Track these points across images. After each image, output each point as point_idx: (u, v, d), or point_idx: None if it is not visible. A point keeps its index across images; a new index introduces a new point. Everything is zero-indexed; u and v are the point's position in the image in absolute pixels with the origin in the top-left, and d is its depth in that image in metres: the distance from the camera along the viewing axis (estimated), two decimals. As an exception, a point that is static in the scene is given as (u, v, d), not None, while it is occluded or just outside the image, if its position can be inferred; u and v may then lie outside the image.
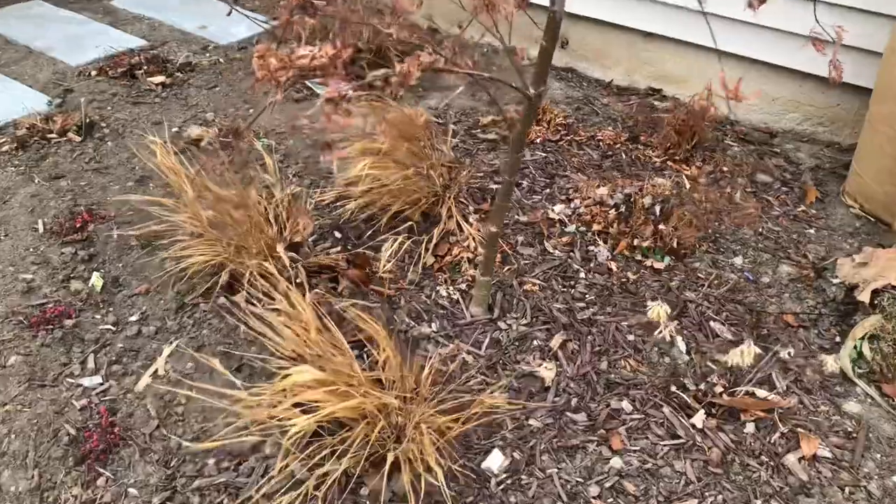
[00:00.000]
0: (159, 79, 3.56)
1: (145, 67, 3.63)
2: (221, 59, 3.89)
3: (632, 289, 2.55)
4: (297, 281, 2.39)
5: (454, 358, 2.21)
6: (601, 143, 3.37)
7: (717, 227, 2.84)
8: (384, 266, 2.52)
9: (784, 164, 3.36)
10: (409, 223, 2.73)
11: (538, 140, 3.34)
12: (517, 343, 2.31)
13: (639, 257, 2.69)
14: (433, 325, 2.37)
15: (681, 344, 2.34)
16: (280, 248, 2.31)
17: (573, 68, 4.13)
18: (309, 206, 2.76)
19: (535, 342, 2.31)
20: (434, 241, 2.64)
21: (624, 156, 3.30)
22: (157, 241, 2.57)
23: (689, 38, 3.66)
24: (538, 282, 2.54)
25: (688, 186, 3.09)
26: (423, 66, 1.67)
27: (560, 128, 3.41)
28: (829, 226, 2.97)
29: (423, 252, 2.61)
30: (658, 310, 2.18)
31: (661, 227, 2.73)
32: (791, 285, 2.63)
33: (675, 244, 2.70)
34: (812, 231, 2.94)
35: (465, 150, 3.27)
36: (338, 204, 2.81)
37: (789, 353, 2.30)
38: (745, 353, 2.07)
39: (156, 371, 2.18)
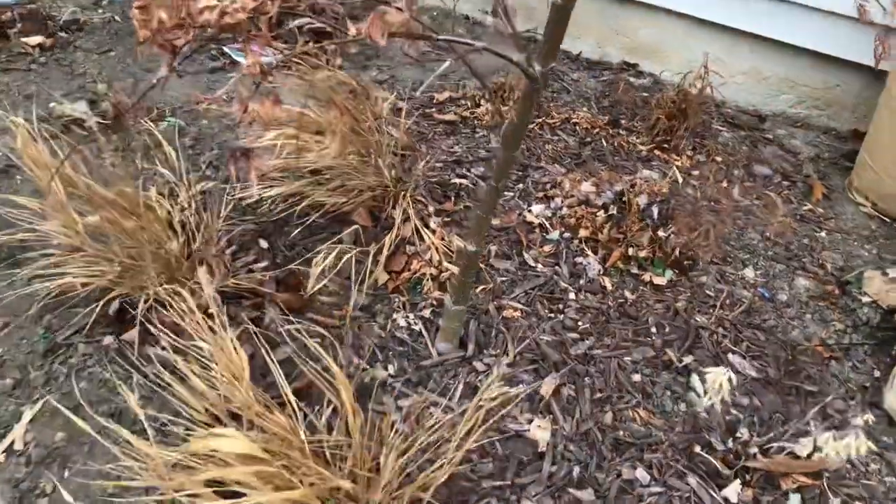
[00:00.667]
0: (37, 39, 2.87)
1: (20, 25, 2.91)
2: (118, 17, 3.20)
3: (631, 312, 2.08)
4: (212, 310, 1.82)
5: (419, 415, 1.69)
6: (578, 128, 2.88)
7: (720, 231, 2.40)
8: (316, 285, 1.97)
9: (782, 154, 2.95)
10: (355, 227, 2.18)
11: (504, 123, 2.81)
12: (498, 390, 1.80)
13: (635, 270, 2.22)
14: (391, 366, 1.84)
15: (698, 385, 1.89)
16: (202, 274, 1.72)
17: (535, 38, 3.61)
18: (226, 206, 2.17)
19: (521, 387, 1.81)
20: (386, 251, 2.10)
21: (605, 143, 2.81)
22: (23, 254, 1.95)
23: (668, 5, 3.19)
24: (520, 305, 2.04)
25: (680, 180, 2.64)
26: (391, 28, 1.13)
27: (529, 108, 2.89)
28: (841, 228, 2.57)
29: (373, 266, 2.07)
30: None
31: (659, 232, 2.27)
32: (812, 304, 2.21)
33: (677, 254, 2.25)
34: (823, 234, 2.53)
35: (419, 133, 2.73)
36: (264, 201, 2.23)
37: (824, 395, 1.88)
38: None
39: (11, 444, 1.59)
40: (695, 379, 1.90)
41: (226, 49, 3.06)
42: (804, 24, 2.94)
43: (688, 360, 1.94)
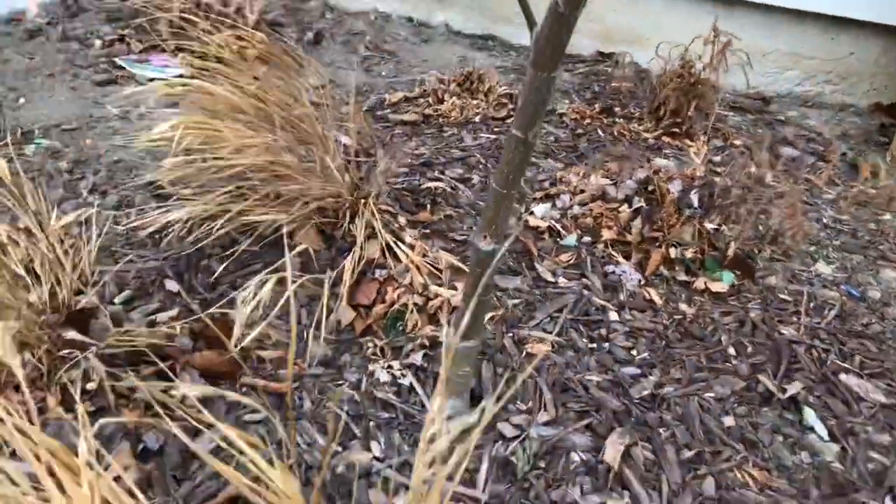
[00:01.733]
0: None
1: None
2: (-20, 36, 2.56)
3: (695, 331, 1.51)
4: (87, 386, 1.17)
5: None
6: (566, 119, 2.34)
7: (767, 221, 1.86)
8: (247, 335, 1.33)
9: (805, 133, 2.47)
10: (302, 249, 1.56)
11: (476, 118, 2.27)
12: (544, 463, 1.19)
13: (683, 276, 1.66)
14: (375, 443, 1.21)
15: (816, 424, 1.31)
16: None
17: (493, 35, 3.11)
18: (112, 237, 1.53)
19: (575, 456, 1.20)
20: (349, 279, 1.49)
21: (602, 133, 2.28)
22: None
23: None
24: (548, 336, 1.44)
25: (702, 168, 2.11)
26: None
27: (505, 100, 2.36)
28: (903, 207, 2.08)
29: (333, 302, 1.45)
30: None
31: (707, 225, 1.72)
32: (914, 299, 1.69)
33: (734, 250, 1.70)
34: (889, 217, 2.03)
35: (376, 137, 2.14)
36: (171, 230, 1.59)
37: None
38: None
39: None
40: (809, 414, 1.33)
41: (118, 60, 2.44)
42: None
43: (791, 388, 1.37)
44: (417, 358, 1.37)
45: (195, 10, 2.36)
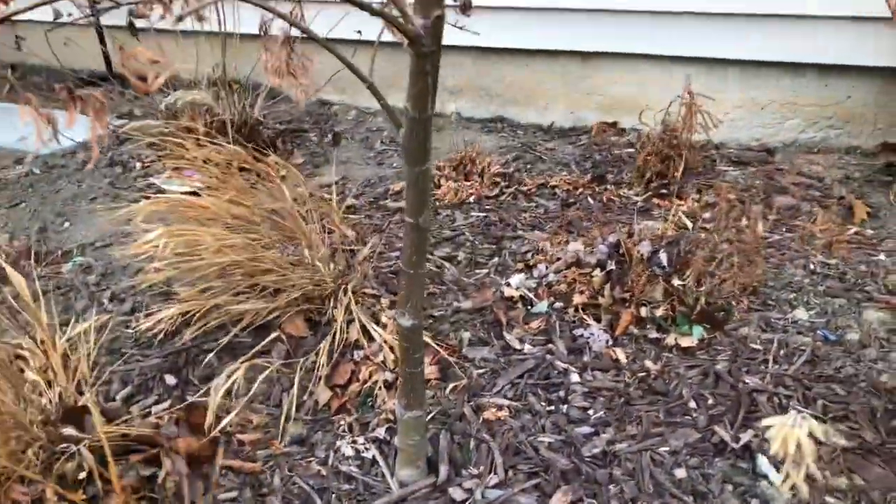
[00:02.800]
0: (-67, 202, 2.55)
1: (-79, 192, 2.61)
2: (37, 170, 2.91)
3: (658, 386, 1.55)
4: (79, 476, 1.33)
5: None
6: (557, 191, 2.45)
7: (751, 272, 1.88)
8: (224, 418, 1.47)
9: (803, 181, 2.48)
10: (282, 338, 1.71)
11: (471, 199, 2.40)
12: (488, 524, 1.25)
13: (654, 334, 1.71)
14: (333, 513, 1.31)
15: (770, 471, 1.33)
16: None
17: (502, 116, 3.28)
18: (122, 340, 1.72)
19: (519, 515, 1.26)
20: (326, 361, 1.61)
21: (591, 200, 2.37)
22: None
23: (643, 50, 2.85)
24: (506, 401, 1.51)
25: (690, 225, 2.17)
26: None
27: (498, 179, 2.49)
28: (901, 247, 2.06)
29: (313, 385, 1.58)
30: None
31: (674, 281, 1.77)
32: (894, 338, 1.67)
33: (703, 304, 1.73)
34: (883, 257, 2.01)
35: (374, 225, 2.31)
36: (169, 328, 1.77)
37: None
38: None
39: None
40: (762, 461, 1.34)
41: (153, 179, 2.73)
42: (797, 36, 2.58)
43: (746, 436, 1.39)
44: (381, 432, 1.47)
45: (215, 132, 2.62)
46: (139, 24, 1.33)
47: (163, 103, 2.68)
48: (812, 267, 1.98)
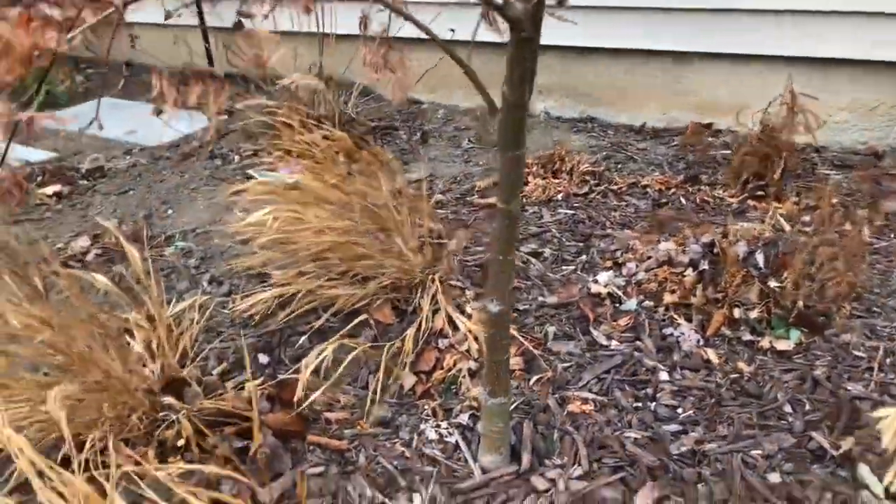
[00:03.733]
0: (54, 188, 2.72)
1: (39, 178, 2.80)
2: (144, 161, 3.07)
3: (752, 389, 1.50)
4: (179, 443, 1.39)
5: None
6: (649, 190, 2.40)
7: (853, 276, 1.79)
8: (312, 395, 1.51)
9: (914, 186, 2.35)
10: (372, 323, 1.75)
11: (558, 196, 2.39)
12: (570, 515, 1.24)
13: (748, 336, 1.65)
14: (417, 496, 1.32)
15: (871, 480, 1.26)
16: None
17: (592, 116, 3.24)
18: (219, 320, 1.79)
19: (603, 508, 1.24)
20: (412, 347, 1.64)
21: (684, 201, 2.32)
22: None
23: (741, 49, 2.77)
24: (592, 395, 1.50)
25: (788, 228, 2.08)
26: None
27: (587, 177, 2.46)
28: None
29: (399, 369, 1.61)
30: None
31: (772, 283, 1.71)
32: None
33: (801, 307, 1.67)
34: None
35: (459, 220, 2.32)
36: (268, 313, 1.84)
37: None
38: None
39: None
40: (864, 470, 1.28)
41: (251, 172, 2.83)
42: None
43: (846, 444, 1.33)
44: (464, 418, 1.47)
45: (312, 123, 2.70)
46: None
47: (278, 84, 2.77)
48: (923, 275, 1.87)
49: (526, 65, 0.99)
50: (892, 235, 2.08)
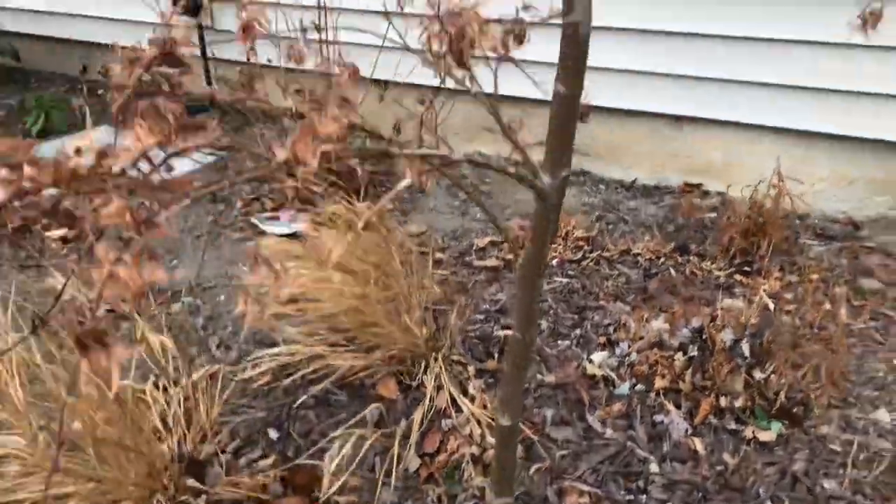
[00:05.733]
0: (60, 232, 2.77)
1: (46, 220, 2.84)
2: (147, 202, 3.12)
3: (735, 482, 1.61)
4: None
5: None
6: (640, 259, 2.51)
7: (834, 363, 1.92)
8: (330, 488, 1.59)
9: (890, 263, 2.48)
10: (376, 403, 1.83)
11: (554, 261, 2.49)
12: None
13: (733, 425, 1.76)
14: (423, 586, 1.42)
15: (845, 584, 1.37)
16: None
17: (586, 170, 3.35)
18: (231, 390, 1.87)
19: None
20: (416, 430, 1.73)
21: (674, 272, 2.43)
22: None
23: (731, 117, 2.89)
24: (587, 488, 1.60)
25: (772, 307, 2.20)
26: (325, 145, 0.83)
27: (581, 243, 2.57)
28: None
29: (399, 452, 1.69)
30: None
31: (756, 373, 1.82)
32: (981, 450, 1.68)
33: (783, 399, 1.78)
34: (974, 354, 2.01)
35: (458, 283, 2.41)
36: (275, 383, 1.92)
37: None
38: None
39: None
40: (839, 575, 1.39)
41: (253, 220, 2.90)
42: (886, 116, 2.58)
43: (823, 547, 1.44)
44: (468, 506, 1.57)
45: (315, 180, 2.77)
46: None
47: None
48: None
49: (549, 222, 1.08)
50: (868, 317, 2.20)
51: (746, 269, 2.39)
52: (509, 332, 2.08)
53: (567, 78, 0.94)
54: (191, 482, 1.54)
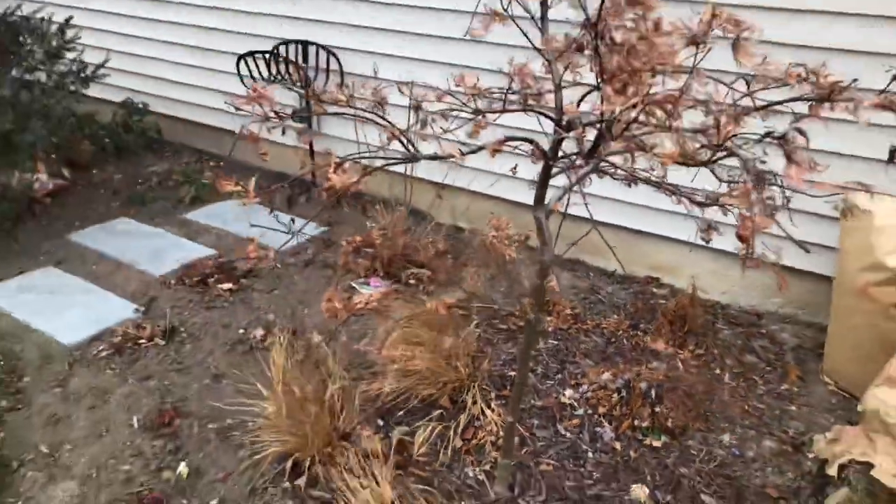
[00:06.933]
0: (227, 285, 4.22)
1: (216, 276, 4.30)
2: (278, 265, 4.57)
3: (633, 465, 2.97)
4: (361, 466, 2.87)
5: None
6: (605, 331, 3.89)
7: (708, 407, 3.28)
8: (419, 450, 2.98)
9: (769, 346, 3.83)
10: (440, 410, 3.22)
11: (550, 329, 3.87)
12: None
13: (639, 437, 3.12)
14: (463, 503, 2.80)
15: (676, 516, 2.73)
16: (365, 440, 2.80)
17: (580, 260, 4.73)
18: (356, 397, 3.28)
19: (550, 518, 2.72)
20: (461, 426, 3.12)
21: (626, 342, 3.80)
22: (232, 432, 3.09)
23: (675, 235, 4.27)
24: (552, 462, 2.97)
25: (681, 369, 3.56)
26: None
27: (569, 317, 3.95)
28: (809, 403, 3.39)
29: (452, 436, 3.08)
30: (638, 491, 2.62)
31: (656, 408, 3.18)
32: (773, 459, 3.03)
33: (669, 424, 3.14)
34: (794, 408, 3.36)
35: (486, 339, 3.81)
36: (380, 395, 3.32)
37: (770, 523, 2.67)
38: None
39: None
40: (674, 511, 2.75)
41: (353, 284, 4.33)
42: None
43: (668, 498, 2.80)
44: (487, 467, 2.94)
45: (405, 251, 4.20)
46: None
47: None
48: (746, 408, 3.34)
49: (531, 352, 2.48)
50: (742, 380, 3.55)
51: (672, 342, 3.76)
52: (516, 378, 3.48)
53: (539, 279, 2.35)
54: (343, 443, 2.93)
